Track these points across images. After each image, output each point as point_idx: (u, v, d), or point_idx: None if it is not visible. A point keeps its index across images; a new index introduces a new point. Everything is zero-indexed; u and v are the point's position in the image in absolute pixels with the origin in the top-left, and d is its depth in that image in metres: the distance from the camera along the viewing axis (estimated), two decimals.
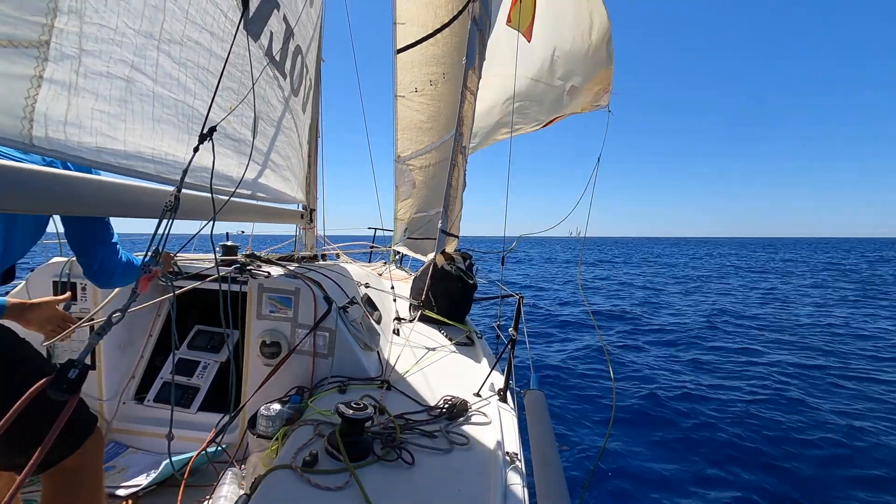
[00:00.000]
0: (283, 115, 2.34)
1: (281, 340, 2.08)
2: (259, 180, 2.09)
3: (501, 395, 2.02)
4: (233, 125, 1.74)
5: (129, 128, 1.19)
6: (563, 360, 7.78)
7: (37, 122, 0.95)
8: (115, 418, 2.23)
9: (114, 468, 2.04)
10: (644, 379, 6.86)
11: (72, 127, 1.02)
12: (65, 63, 0.98)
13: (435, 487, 1.27)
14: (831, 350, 8.83)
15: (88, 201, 1.14)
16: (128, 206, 1.28)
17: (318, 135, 3.58)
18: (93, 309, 2.21)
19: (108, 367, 2.27)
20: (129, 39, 1.15)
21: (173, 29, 1.30)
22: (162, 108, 1.30)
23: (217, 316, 1.94)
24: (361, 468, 1.30)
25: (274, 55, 2.10)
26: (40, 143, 0.96)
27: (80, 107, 1.04)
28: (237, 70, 1.72)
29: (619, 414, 5.40)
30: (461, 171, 3.31)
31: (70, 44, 0.99)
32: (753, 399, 5.98)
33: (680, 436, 4.92)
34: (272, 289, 2.11)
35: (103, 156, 1.12)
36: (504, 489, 1.32)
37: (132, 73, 1.18)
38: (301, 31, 2.49)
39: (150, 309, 2.50)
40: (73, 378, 0.85)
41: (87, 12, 1.01)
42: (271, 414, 1.65)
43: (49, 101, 0.97)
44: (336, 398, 1.85)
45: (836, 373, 7.27)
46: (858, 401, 6.03)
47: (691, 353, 8.47)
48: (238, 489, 1.58)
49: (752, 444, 4.73)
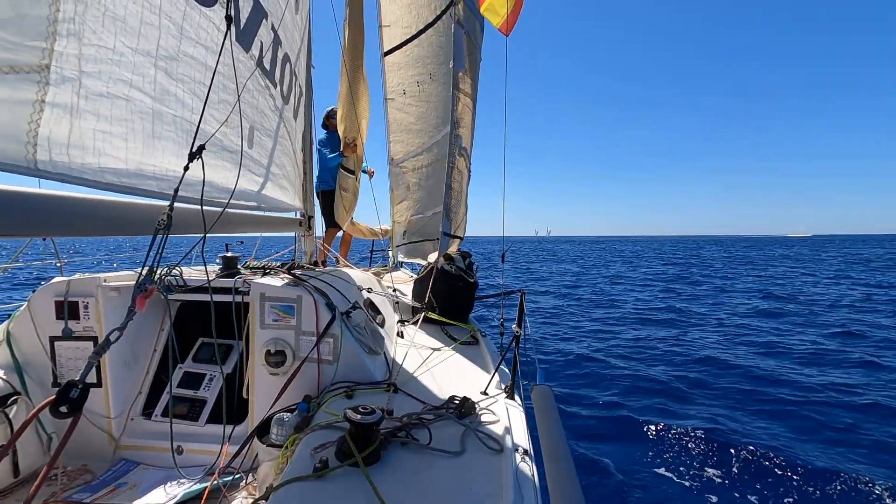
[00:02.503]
0: (277, 124, 2.34)
1: (285, 349, 2.08)
2: (258, 191, 2.10)
3: (509, 392, 2.03)
4: (230, 137, 1.74)
5: (131, 146, 1.19)
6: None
7: (40, 146, 0.95)
8: (124, 434, 2.22)
9: (125, 485, 2.03)
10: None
11: (75, 149, 1.02)
12: (66, 86, 0.98)
13: (447, 487, 1.28)
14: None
15: (82, 222, 1.13)
16: (120, 224, 1.26)
17: (312, 142, 3.57)
18: (96, 327, 2.20)
19: (114, 384, 2.25)
20: (127, 58, 1.15)
21: (169, 45, 1.30)
22: (162, 125, 1.30)
23: (221, 328, 1.93)
24: (373, 470, 1.31)
25: (264, 65, 2.09)
26: (45, 166, 0.96)
27: (83, 128, 1.04)
28: (231, 82, 1.72)
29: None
30: (463, 173, 3.31)
31: (70, 66, 0.99)
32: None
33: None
34: (274, 298, 2.11)
35: (106, 175, 1.12)
36: (516, 486, 1.32)
37: (131, 92, 1.18)
38: (288, 39, 2.49)
39: (154, 324, 2.48)
40: (74, 398, 0.86)
41: (86, 34, 1.01)
42: (284, 423, 1.65)
43: (52, 124, 0.97)
44: (344, 403, 1.85)
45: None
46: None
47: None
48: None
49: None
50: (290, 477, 1.28)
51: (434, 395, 1.97)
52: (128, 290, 2.27)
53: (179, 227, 1.36)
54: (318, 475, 1.26)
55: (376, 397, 1.89)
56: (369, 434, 1.38)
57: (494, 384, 2.08)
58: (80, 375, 0.87)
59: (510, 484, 1.29)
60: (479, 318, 3.38)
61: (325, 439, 1.50)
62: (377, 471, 1.32)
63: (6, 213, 0.90)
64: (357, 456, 1.30)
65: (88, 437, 2.10)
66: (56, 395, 0.85)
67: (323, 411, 1.75)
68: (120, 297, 2.24)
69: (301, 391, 2.03)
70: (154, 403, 2.35)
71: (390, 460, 1.39)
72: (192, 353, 2.54)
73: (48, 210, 1.03)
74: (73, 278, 2.16)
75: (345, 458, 1.34)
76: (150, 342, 2.51)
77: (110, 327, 2.03)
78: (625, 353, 7.93)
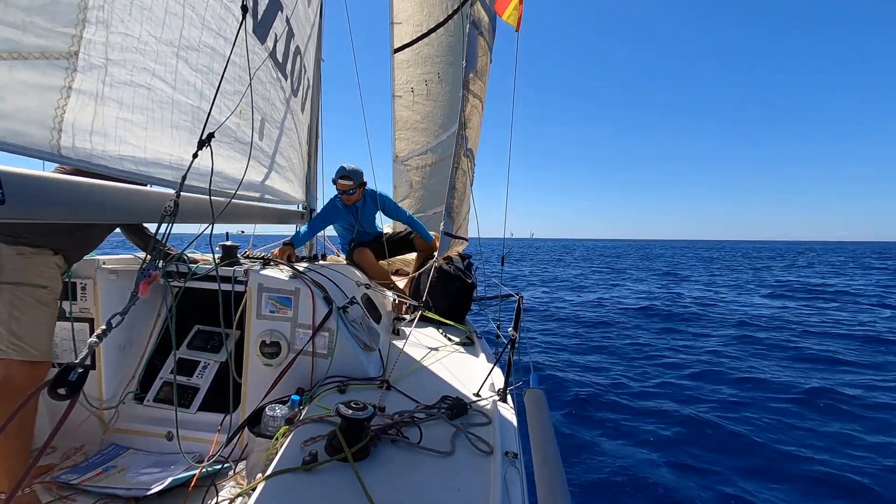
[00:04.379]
0: (286, 116, 2.35)
1: (281, 341, 2.08)
2: (265, 182, 2.10)
3: (501, 394, 2.05)
4: (242, 129, 1.75)
5: (150, 135, 1.19)
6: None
7: (65, 132, 0.95)
8: (115, 418, 2.22)
9: (114, 468, 2.03)
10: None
11: (97, 136, 1.03)
12: (92, 73, 0.99)
13: (435, 487, 1.28)
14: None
15: (93, 208, 1.11)
16: (127, 211, 1.25)
17: (318, 135, 3.57)
18: (93, 309, 2.19)
19: (108, 368, 2.25)
20: (150, 47, 1.15)
21: (191, 35, 1.31)
22: (180, 115, 1.30)
23: (217, 316, 1.94)
24: (362, 466, 1.31)
25: (277, 56, 2.10)
26: (67, 152, 0.96)
27: (106, 116, 1.05)
28: (246, 74, 1.72)
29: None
30: (467, 174, 3.32)
31: (97, 54, 0.99)
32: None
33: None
34: (272, 289, 2.11)
35: (125, 163, 1.12)
36: (503, 489, 1.32)
37: (153, 81, 1.18)
38: (300, 32, 2.49)
39: (151, 310, 2.48)
40: (73, 380, 0.86)
41: (113, 22, 1.02)
42: (276, 414, 1.66)
43: (77, 111, 0.97)
44: (336, 398, 1.85)
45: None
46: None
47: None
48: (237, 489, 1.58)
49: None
50: (278, 468, 1.28)
51: (427, 394, 1.98)
52: (126, 274, 2.26)
53: (186, 216, 1.36)
54: (306, 468, 1.26)
55: (369, 393, 1.90)
56: (360, 430, 1.38)
57: (488, 386, 2.09)
58: (79, 358, 0.87)
59: (498, 486, 1.30)
60: (474, 320, 3.40)
61: (315, 433, 1.50)
62: (366, 467, 1.32)
63: (20, 197, 0.90)
64: (346, 451, 1.31)
65: (79, 419, 2.10)
66: (55, 376, 0.84)
67: (315, 405, 1.75)
68: (118, 280, 2.24)
69: (294, 384, 2.03)
70: (147, 388, 2.35)
71: (380, 457, 1.39)
72: (186, 339, 2.54)
73: (56, 193, 1.01)
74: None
75: (334, 452, 1.34)
76: (146, 327, 2.51)
77: (107, 310, 2.03)
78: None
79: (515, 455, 1.53)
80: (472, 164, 3.42)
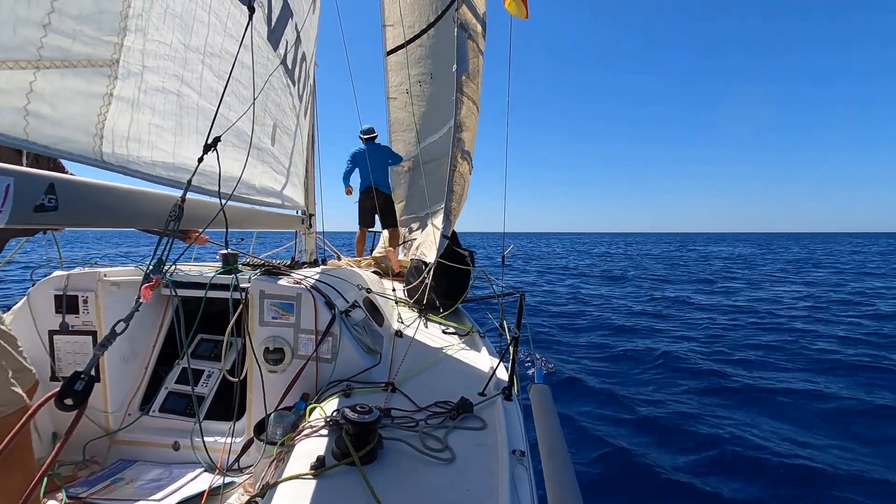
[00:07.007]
0: (296, 122, 2.36)
1: (284, 347, 2.08)
2: (275, 187, 2.11)
3: (506, 392, 2.07)
4: (257, 135, 1.75)
5: (178, 140, 1.20)
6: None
7: (105, 138, 0.96)
8: (121, 430, 2.19)
9: (122, 480, 2.01)
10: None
11: (133, 142, 1.04)
12: (130, 80, 1.00)
13: (443, 488, 1.28)
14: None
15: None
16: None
17: (315, 140, 3.56)
18: (95, 321, 2.16)
19: (112, 379, 2.22)
20: (180, 54, 1.16)
21: (215, 42, 1.32)
22: (205, 121, 1.31)
23: (219, 324, 1.92)
24: (370, 470, 1.31)
25: (287, 63, 2.11)
26: (108, 158, 0.97)
27: (140, 122, 1.06)
28: (260, 80, 1.73)
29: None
30: (465, 176, 3.35)
31: (135, 61, 1.00)
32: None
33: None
34: (274, 295, 2.11)
35: (157, 169, 1.13)
36: (512, 487, 1.33)
37: (182, 87, 1.19)
38: (306, 39, 2.50)
39: (153, 320, 2.45)
40: (79, 390, 0.85)
41: (150, 30, 1.03)
42: (282, 421, 1.66)
43: (116, 117, 0.98)
44: (341, 402, 1.84)
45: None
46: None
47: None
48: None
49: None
50: (286, 475, 1.28)
51: (432, 396, 1.99)
52: (127, 286, 2.25)
53: (192, 221, 1.35)
54: (314, 474, 1.26)
55: (374, 396, 1.89)
56: (366, 433, 1.38)
57: (492, 385, 2.12)
58: (85, 367, 0.87)
59: (506, 486, 1.31)
60: (477, 319, 3.44)
61: (322, 438, 1.49)
62: (374, 470, 1.32)
63: (73, 203, 0.90)
64: (354, 455, 1.30)
65: (85, 431, 2.07)
66: (61, 386, 0.84)
67: (320, 410, 1.76)
68: (120, 292, 2.22)
69: (299, 389, 2.04)
70: (151, 399, 2.33)
71: (387, 460, 1.39)
72: (190, 349, 2.52)
73: (102, 199, 1.00)
74: (73, 272, 2.13)
75: (342, 457, 1.34)
76: (149, 338, 2.49)
77: (110, 322, 2.01)
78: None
79: (523, 453, 1.54)
80: (470, 166, 3.46)
